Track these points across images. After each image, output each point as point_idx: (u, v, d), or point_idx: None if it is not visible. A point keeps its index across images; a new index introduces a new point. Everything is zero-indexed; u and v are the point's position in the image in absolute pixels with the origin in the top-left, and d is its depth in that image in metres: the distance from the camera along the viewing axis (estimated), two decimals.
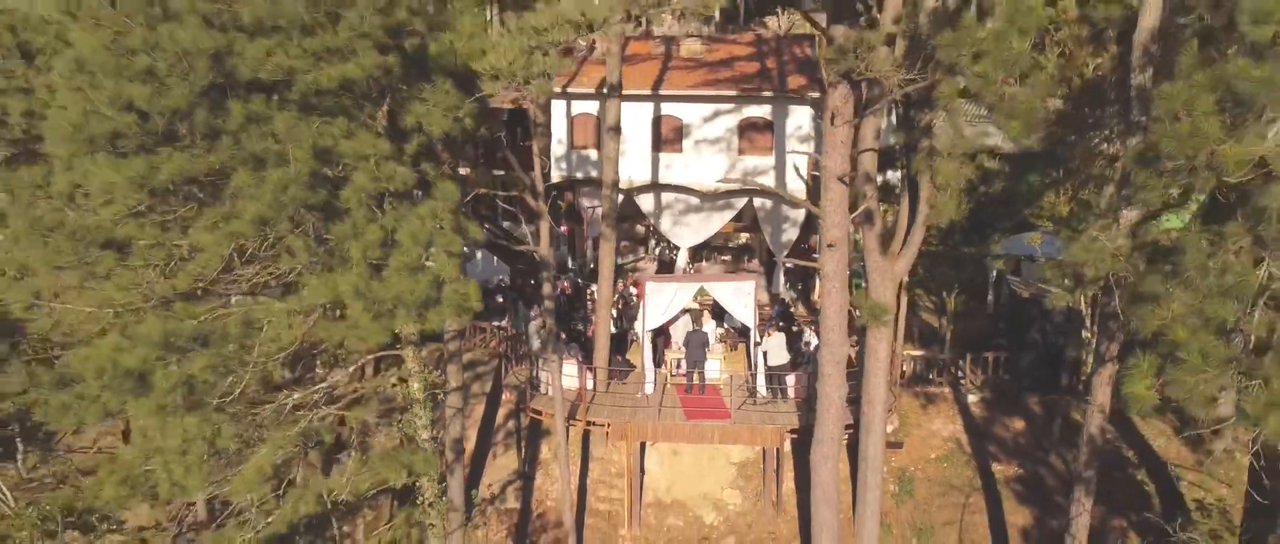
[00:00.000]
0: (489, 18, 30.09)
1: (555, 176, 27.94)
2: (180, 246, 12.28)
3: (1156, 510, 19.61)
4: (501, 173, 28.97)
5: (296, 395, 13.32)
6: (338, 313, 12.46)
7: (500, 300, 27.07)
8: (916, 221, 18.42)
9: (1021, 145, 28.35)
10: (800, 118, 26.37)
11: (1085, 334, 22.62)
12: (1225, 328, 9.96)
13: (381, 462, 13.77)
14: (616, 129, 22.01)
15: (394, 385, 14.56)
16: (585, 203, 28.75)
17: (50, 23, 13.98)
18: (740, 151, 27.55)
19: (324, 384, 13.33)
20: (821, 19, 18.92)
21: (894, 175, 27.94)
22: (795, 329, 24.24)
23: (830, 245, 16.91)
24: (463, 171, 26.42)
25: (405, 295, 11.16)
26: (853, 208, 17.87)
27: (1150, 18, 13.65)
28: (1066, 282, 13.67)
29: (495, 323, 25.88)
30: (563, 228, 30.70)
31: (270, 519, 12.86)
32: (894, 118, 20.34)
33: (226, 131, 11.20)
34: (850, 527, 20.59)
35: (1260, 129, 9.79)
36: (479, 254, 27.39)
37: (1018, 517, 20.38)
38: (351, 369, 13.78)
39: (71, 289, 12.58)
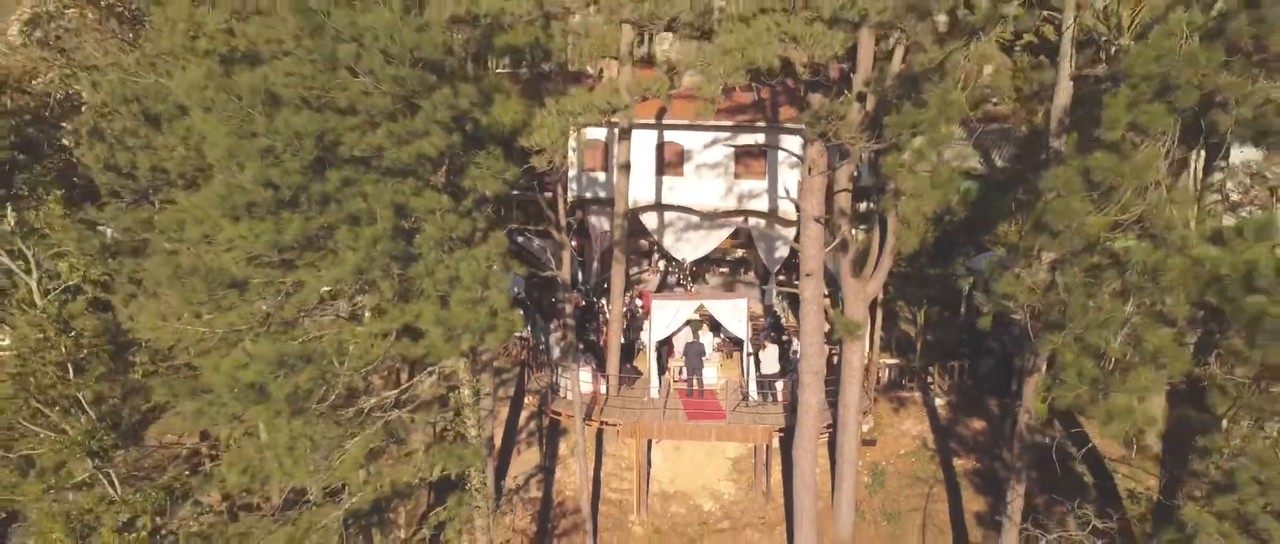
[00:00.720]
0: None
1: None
2: (285, 283, 15.46)
3: (1094, 498, 22.78)
4: (520, 193, 32.04)
5: (372, 401, 16.51)
6: (412, 336, 15.55)
7: (520, 313, 30.19)
8: (885, 249, 21.66)
9: (994, 168, 31.49)
10: (791, 145, 29.41)
11: None
12: (1099, 352, 13.13)
13: (441, 454, 16.95)
14: (627, 167, 25.11)
15: (449, 392, 17.69)
16: (593, 220, 31.67)
17: (170, 94, 17.08)
18: (736, 175, 30.52)
19: (395, 391, 16.49)
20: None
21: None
22: (785, 339, 27.37)
23: (808, 275, 20.11)
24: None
25: (470, 323, 14.33)
26: (830, 240, 21.10)
27: (1063, 96, 16.82)
28: (997, 307, 16.80)
29: (516, 333, 28.97)
30: (573, 244, 33.78)
31: (355, 498, 16.03)
32: (866, 158, 23.49)
33: (327, 194, 14.37)
34: (829, 513, 23.77)
35: (1125, 200, 13.00)
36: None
37: (974, 504, 23.58)
38: (417, 378, 16.94)
39: (189, 313, 15.73)
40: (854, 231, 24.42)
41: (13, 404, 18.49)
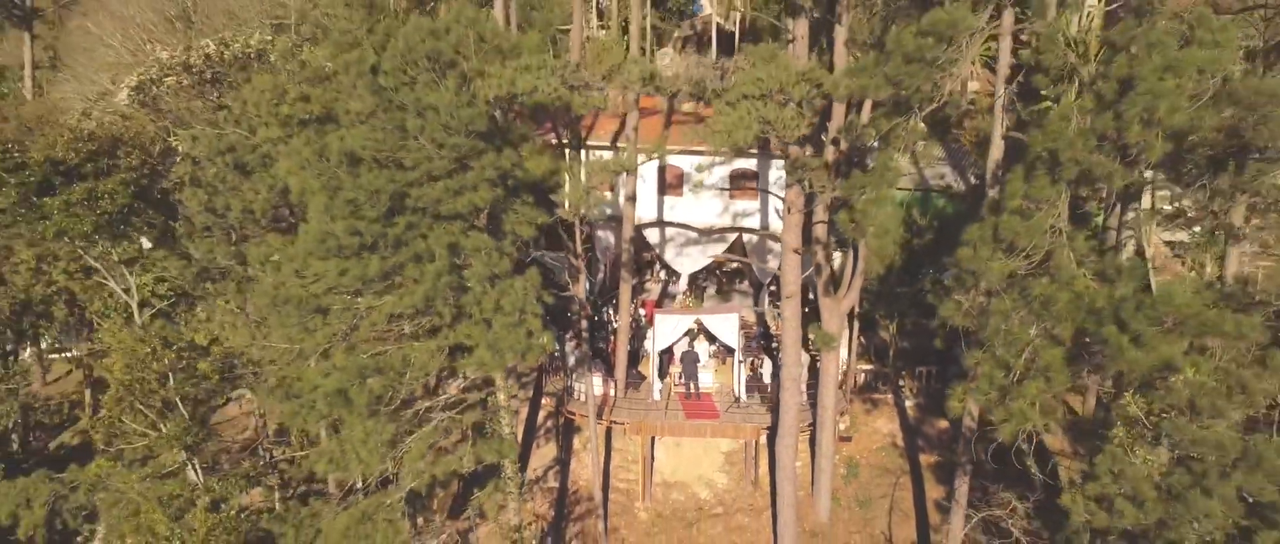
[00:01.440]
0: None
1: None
2: (359, 308, 19.04)
3: (1038, 488, 26.33)
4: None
5: (427, 403, 20.12)
6: (464, 352, 19.11)
7: (552, 334, 33.74)
8: (856, 272, 25.30)
9: (970, 185, 34.96)
10: (780, 169, 32.72)
11: None
12: (1007, 365, 16.74)
13: (482, 447, 20.56)
14: (633, 198, 28.63)
15: (487, 397, 21.28)
16: (600, 234, 35.07)
17: (256, 147, 20.61)
18: (731, 196, 33.99)
19: (445, 396, 20.09)
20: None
21: None
22: (775, 348, 30.94)
23: (788, 297, 23.71)
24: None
25: (512, 343, 17.91)
26: (808, 266, 24.72)
27: (996, 152, 20.42)
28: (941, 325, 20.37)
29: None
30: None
31: (412, 483, 19.63)
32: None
33: (398, 238, 17.94)
34: (810, 499, 27.39)
35: (1030, 248, 16.59)
36: None
37: (934, 492, 27.18)
38: (462, 384, 20.53)
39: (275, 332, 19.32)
40: (834, 254, 28.02)
41: (118, 407, 22.09)
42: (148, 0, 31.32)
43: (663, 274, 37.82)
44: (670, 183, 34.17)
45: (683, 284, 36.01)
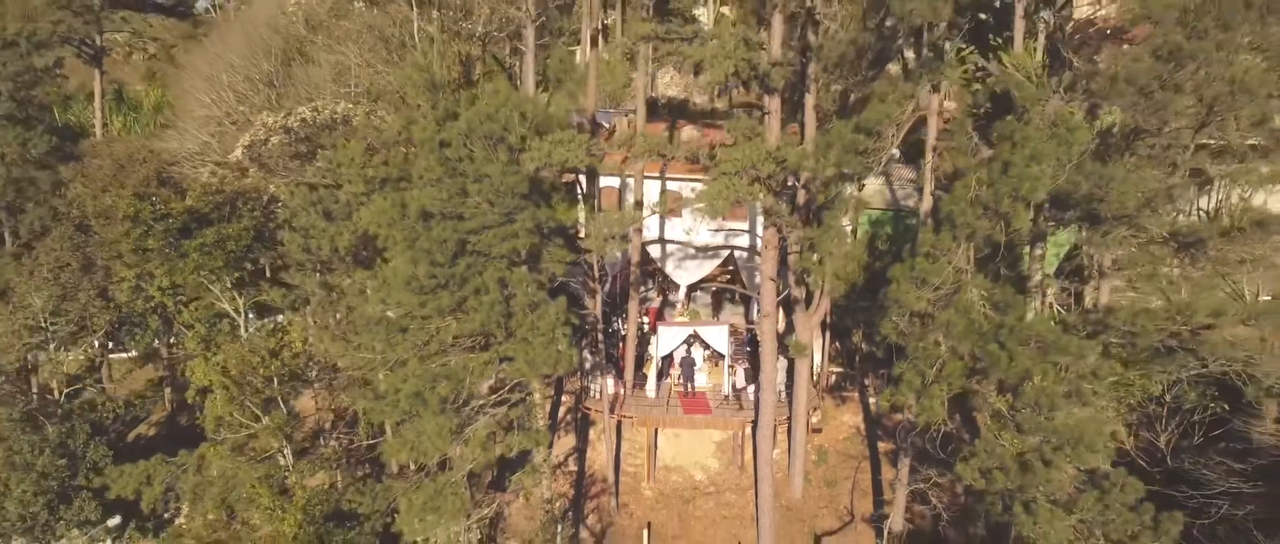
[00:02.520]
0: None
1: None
2: (431, 328, 24.60)
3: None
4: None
5: (480, 402, 25.71)
6: (509, 361, 24.63)
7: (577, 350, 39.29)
8: (824, 292, 30.82)
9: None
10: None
11: None
12: (923, 373, 22.28)
13: (520, 437, 26.15)
14: (639, 229, 34.13)
15: (523, 397, 26.83)
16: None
17: (343, 196, 26.16)
18: (724, 217, 39.41)
19: (494, 397, 25.71)
20: None
21: None
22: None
23: (765, 315, 29.28)
24: None
25: (547, 358, 23.48)
26: (783, 290, 30.26)
27: (927, 202, 25.93)
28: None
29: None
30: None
31: (470, 465, 25.22)
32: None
33: (463, 276, 23.48)
34: (786, 481, 32.96)
35: (940, 284, 22.13)
36: None
37: (888, 474, 32.76)
38: (507, 386, 26.14)
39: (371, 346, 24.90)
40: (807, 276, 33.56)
41: (230, 407, 27.71)
42: (238, 64, 37.00)
43: (664, 284, 43.29)
44: (670, 205, 39.63)
45: (681, 294, 41.51)
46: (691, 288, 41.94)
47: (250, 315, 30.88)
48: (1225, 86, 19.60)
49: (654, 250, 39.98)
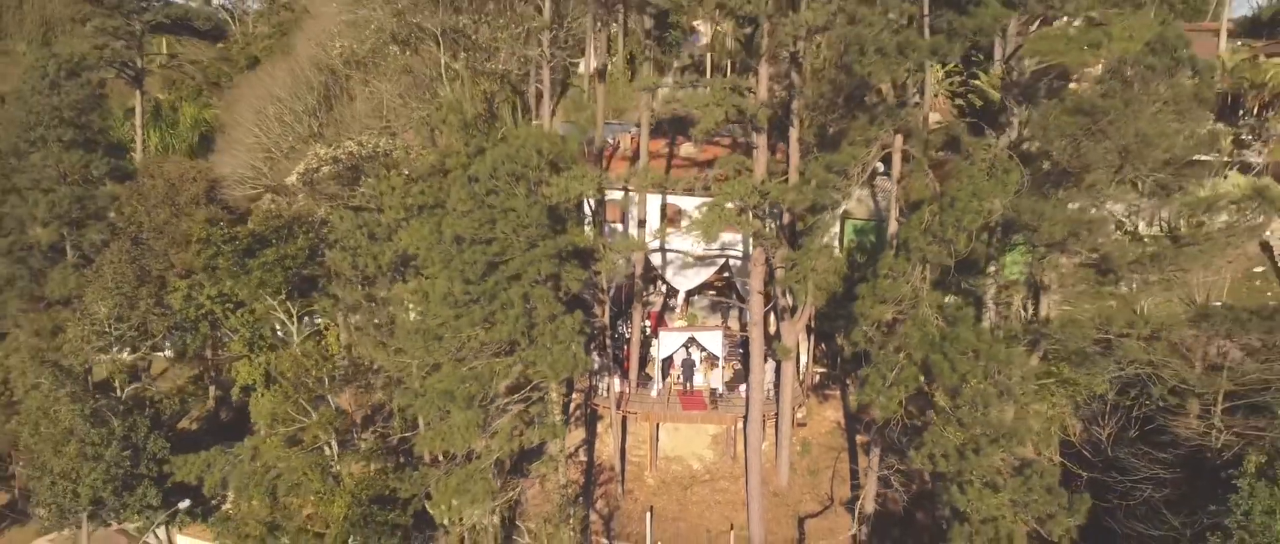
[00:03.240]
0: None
1: None
2: (463, 336, 28.54)
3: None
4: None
5: (504, 400, 29.70)
6: (531, 365, 28.56)
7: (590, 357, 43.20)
8: (807, 302, 34.74)
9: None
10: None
11: None
12: (884, 376, 26.20)
13: (540, 430, 30.13)
14: (646, 261, 37.98)
15: (541, 396, 30.79)
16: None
17: (385, 220, 30.13)
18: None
19: (514, 396, 29.69)
20: None
21: None
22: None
23: (753, 324, 33.21)
24: None
25: (564, 363, 27.42)
26: (770, 300, 34.18)
27: (893, 226, 29.80)
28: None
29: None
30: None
31: (496, 454, 29.19)
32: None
33: (492, 293, 27.40)
34: (774, 470, 36.90)
35: (900, 299, 26.06)
36: None
37: (863, 463, 36.61)
38: (529, 386, 30.12)
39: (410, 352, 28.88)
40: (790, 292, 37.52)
41: (284, 405, 31.70)
42: (284, 98, 40.99)
43: (665, 289, 47.22)
44: (670, 216, 43.50)
45: (681, 298, 45.43)
46: (690, 292, 45.81)
47: (291, 322, 34.85)
48: (1134, 138, 23.48)
49: (655, 258, 43.84)
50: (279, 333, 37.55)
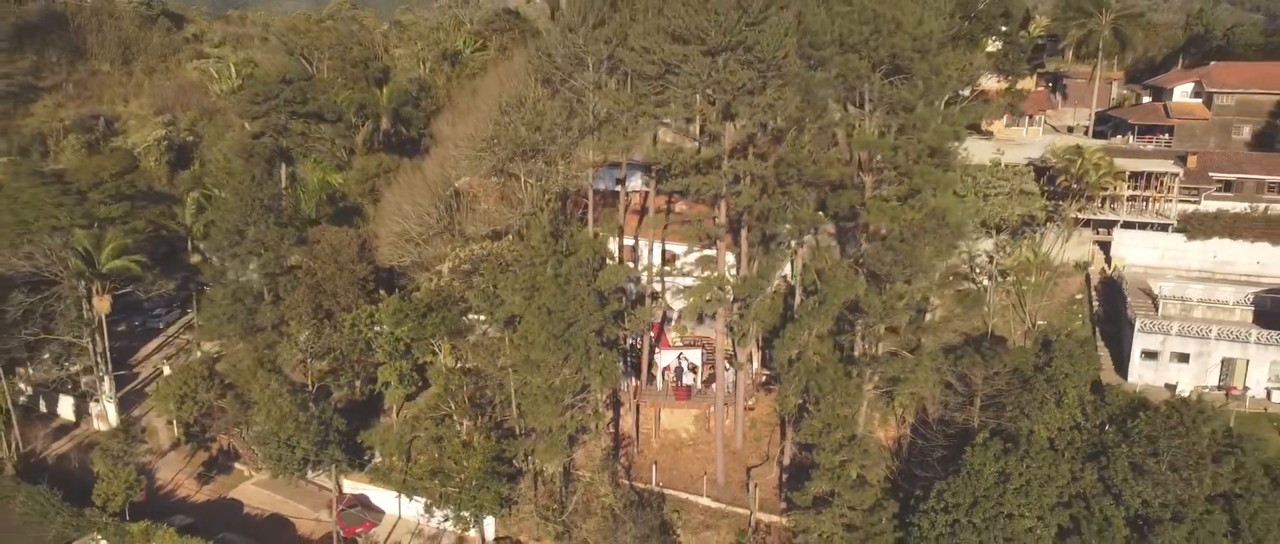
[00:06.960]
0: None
1: None
2: (552, 362, 49.70)
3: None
4: None
5: (570, 398, 51.07)
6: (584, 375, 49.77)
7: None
8: (753, 334, 56.03)
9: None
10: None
11: None
12: (791, 387, 47.50)
13: (589, 416, 51.52)
14: (656, 295, 58.96)
15: (589, 394, 51.95)
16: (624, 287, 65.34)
17: (501, 294, 51.10)
18: (705, 268, 64.26)
19: (577, 396, 51.13)
20: None
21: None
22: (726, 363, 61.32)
23: (718, 349, 54.39)
24: None
25: (607, 376, 48.69)
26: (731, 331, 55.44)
27: (798, 297, 50.76)
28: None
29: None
30: None
31: (566, 431, 50.53)
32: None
33: (567, 340, 48.47)
34: (733, 437, 58.28)
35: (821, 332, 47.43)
36: None
37: (791, 434, 58.03)
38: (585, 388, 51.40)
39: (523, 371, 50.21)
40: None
41: (444, 398, 52.85)
42: (421, 202, 61.75)
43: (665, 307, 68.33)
44: (668, 258, 64.58)
45: (676, 315, 66.66)
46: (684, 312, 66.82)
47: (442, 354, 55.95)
48: (916, 266, 44.47)
49: (656, 286, 64.96)
50: (413, 352, 58.63)
